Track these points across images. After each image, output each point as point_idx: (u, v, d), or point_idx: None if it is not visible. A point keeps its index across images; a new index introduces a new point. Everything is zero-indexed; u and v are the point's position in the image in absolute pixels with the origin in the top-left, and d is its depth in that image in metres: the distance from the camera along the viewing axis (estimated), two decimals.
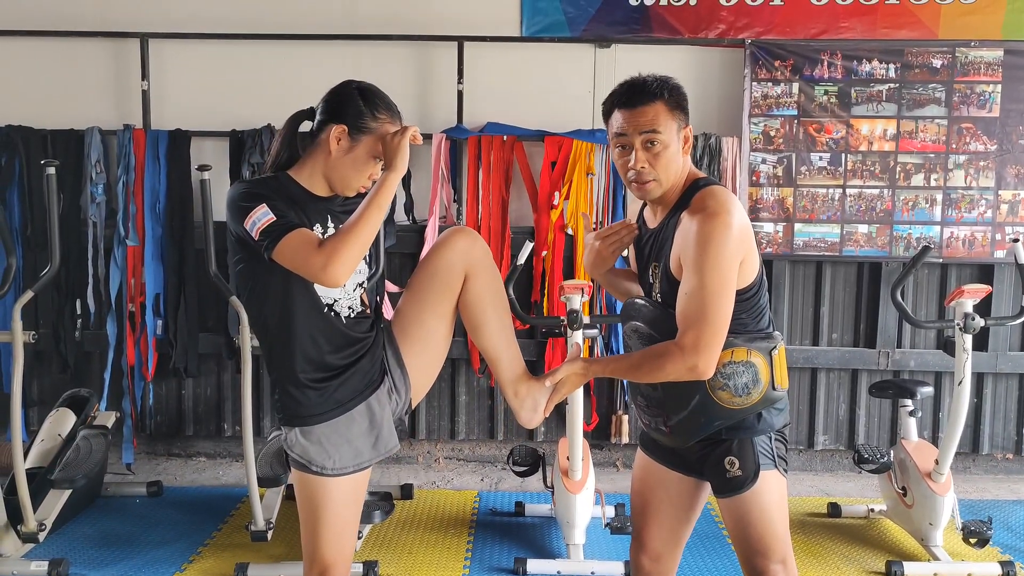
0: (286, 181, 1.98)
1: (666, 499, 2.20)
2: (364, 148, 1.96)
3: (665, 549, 2.23)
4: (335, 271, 1.84)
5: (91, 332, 4.45)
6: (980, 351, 4.41)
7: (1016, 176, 4.30)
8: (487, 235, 4.38)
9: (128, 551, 3.50)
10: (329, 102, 2.01)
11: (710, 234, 1.87)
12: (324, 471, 1.99)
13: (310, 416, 1.99)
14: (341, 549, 2.05)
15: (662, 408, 2.07)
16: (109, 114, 4.45)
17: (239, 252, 1.97)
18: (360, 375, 2.02)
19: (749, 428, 2.02)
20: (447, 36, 4.40)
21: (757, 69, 4.32)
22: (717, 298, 1.88)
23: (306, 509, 2.04)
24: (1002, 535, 3.75)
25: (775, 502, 2.04)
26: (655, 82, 2.00)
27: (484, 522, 3.87)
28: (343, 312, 2.02)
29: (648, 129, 1.96)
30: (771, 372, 2.00)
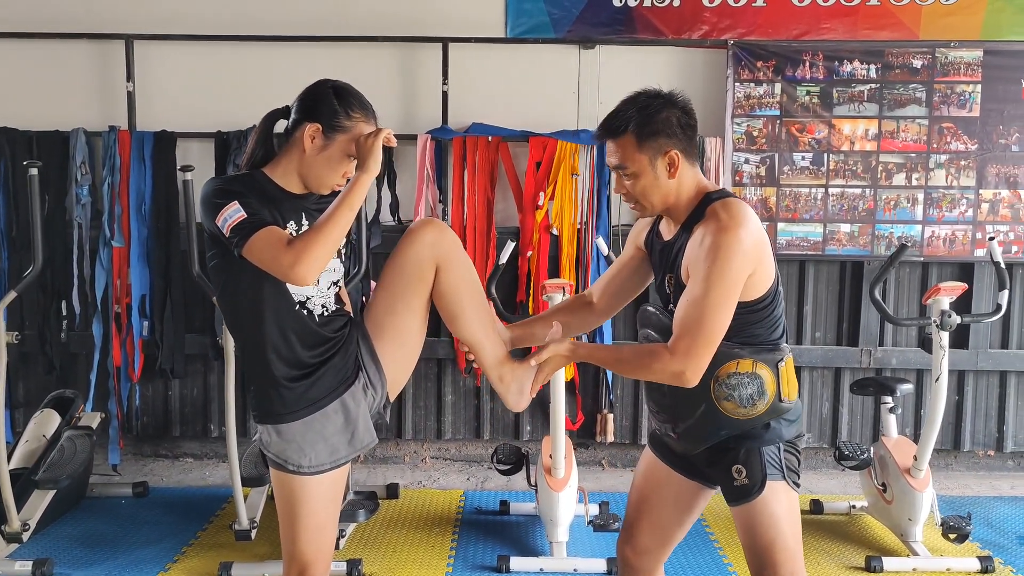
0: (260, 179, 2.00)
1: (665, 498, 2.22)
2: (338, 147, 1.98)
3: (652, 546, 2.25)
4: (303, 269, 1.86)
5: (77, 333, 4.46)
6: (961, 349, 4.46)
7: (996, 175, 4.34)
8: (472, 235, 4.40)
9: (113, 551, 3.51)
10: (304, 101, 2.03)
11: (719, 246, 1.90)
12: (301, 470, 2.00)
13: (284, 414, 2.00)
14: (320, 547, 2.06)
15: (671, 414, 2.10)
16: (94, 115, 4.45)
17: (212, 248, 1.99)
18: (333, 372, 2.02)
19: (757, 438, 2.03)
20: (432, 37, 4.41)
21: (740, 70, 4.35)
22: (715, 310, 1.90)
23: (284, 508, 2.06)
24: (982, 531, 3.79)
25: (783, 514, 2.03)
26: (627, 113, 2.01)
27: (469, 520, 3.90)
28: (316, 310, 2.02)
29: (616, 164, 2.03)
30: (778, 384, 2.01)
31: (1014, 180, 4.33)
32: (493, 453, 3.72)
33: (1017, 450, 4.58)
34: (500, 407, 4.63)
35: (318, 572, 2.06)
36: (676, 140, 2.00)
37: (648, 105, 2.01)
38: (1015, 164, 4.32)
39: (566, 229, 4.41)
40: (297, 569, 2.06)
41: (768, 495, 2.01)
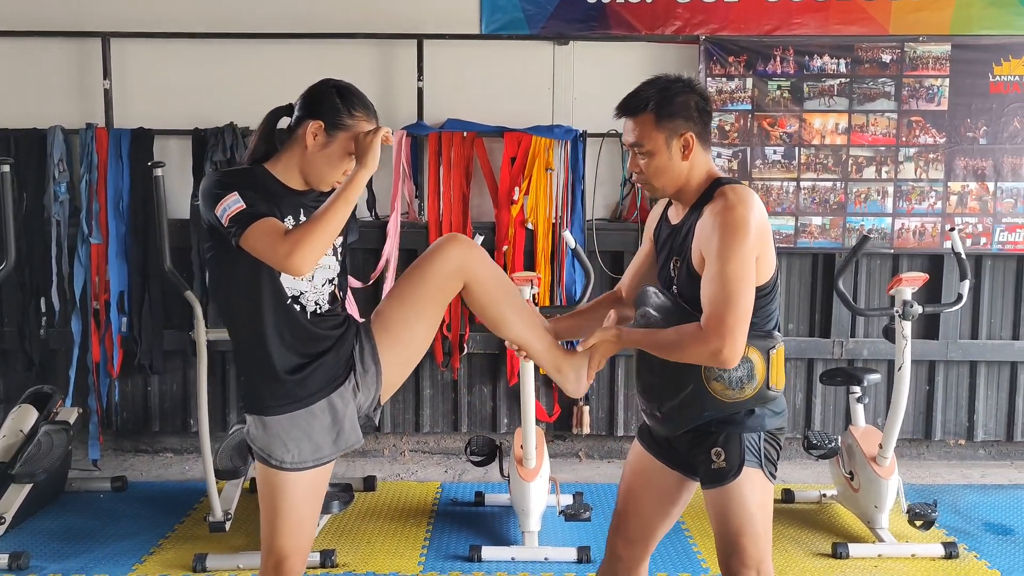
0: (261, 173, 2.04)
1: (650, 489, 2.25)
2: (339, 144, 2.02)
3: (639, 537, 2.28)
4: (299, 259, 1.89)
5: (56, 330, 4.49)
6: (931, 339, 4.52)
7: (964, 168, 4.40)
8: (448, 230, 4.44)
9: (89, 544, 3.54)
10: (307, 99, 2.07)
11: (729, 224, 1.94)
12: (284, 465, 2.03)
13: (270, 407, 2.03)
14: (298, 541, 2.09)
15: (658, 393, 2.13)
16: (72, 113, 4.48)
17: (210, 240, 2.03)
18: (323, 371, 2.05)
19: (739, 423, 2.06)
20: (407, 34, 4.45)
21: (712, 65, 4.40)
22: (739, 283, 1.92)
23: (266, 500, 2.09)
24: (949, 518, 3.85)
25: (756, 502, 2.06)
26: (646, 93, 2.07)
27: (444, 512, 3.94)
28: (309, 307, 2.06)
29: (633, 142, 2.07)
30: (767, 371, 2.05)
31: (982, 173, 4.39)
32: (467, 445, 3.77)
33: (987, 439, 4.64)
34: (477, 400, 4.68)
35: (294, 565, 2.09)
36: (692, 123, 2.06)
37: (668, 87, 2.07)
38: (983, 157, 4.38)
39: (541, 224, 4.45)
40: (274, 561, 2.08)
41: (743, 481, 2.04)
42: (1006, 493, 4.20)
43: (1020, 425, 4.61)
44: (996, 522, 3.82)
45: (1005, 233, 4.42)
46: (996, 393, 4.61)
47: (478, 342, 4.57)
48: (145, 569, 3.33)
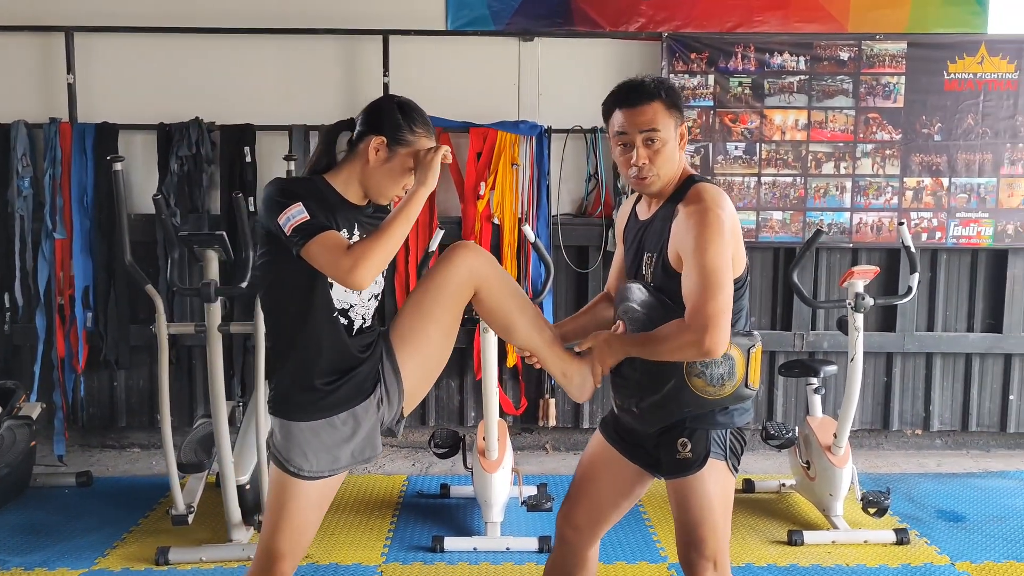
0: (322, 185, 2.06)
1: (606, 480, 2.29)
2: (400, 160, 2.05)
3: (588, 524, 2.32)
4: (361, 274, 1.91)
5: (20, 325, 4.48)
6: (888, 332, 4.62)
7: (920, 164, 4.49)
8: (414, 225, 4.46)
9: (53, 539, 3.55)
10: (370, 114, 2.10)
11: (704, 224, 1.97)
12: (300, 473, 2.05)
13: (297, 413, 2.05)
14: (296, 545, 2.11)
15: (638, 388, 2.15)
16: (35, 108, 4.47)
17: (267, 246, 2.04)
18: (352, 384, 2.07)
19: (710, 419, 2.09)
20: (372, 30, 4.48)
21: (674, 61, 4.46)
22: (717, 274, 1.95)
23: (274, 500, 2.10)
24: (903, 505, 3.94)
25: (717, 494, 2.09)
26: (653, 83, 2.11)
27: (410, 504, 3.98)
28: (356, 321, 2.09)
29: (647, 128, 2.06)
30: (746, 369, 2.08)
31: (936, 168, 4.49)
32: (430, 437, 3.80)
33: (943, 429, 4.75)
34: (445, 394, 4.72)
35: (287, 566, 2.11)
36: (683, 114, 2.13)
37: (661, 79, 2.13)
38: (937, 153, 4.48)
39: (507, 219, 4.49)
40: (269, 561, 2.10)
41: (707, 472, 2.07)
42: (960, 481, 4.30)
43: (975, 415, 4.72)
44: (948, 509, 3.92)
45: (959, 228, 4.52)
46: (951, 384, 4.71)
47: None
48: (107, 563, 3.34)
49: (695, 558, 2.11)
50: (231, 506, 3.40)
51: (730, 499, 2.14)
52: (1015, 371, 4.69)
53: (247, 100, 4.51)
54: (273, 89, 4.52)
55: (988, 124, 4.47)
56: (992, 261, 4.64)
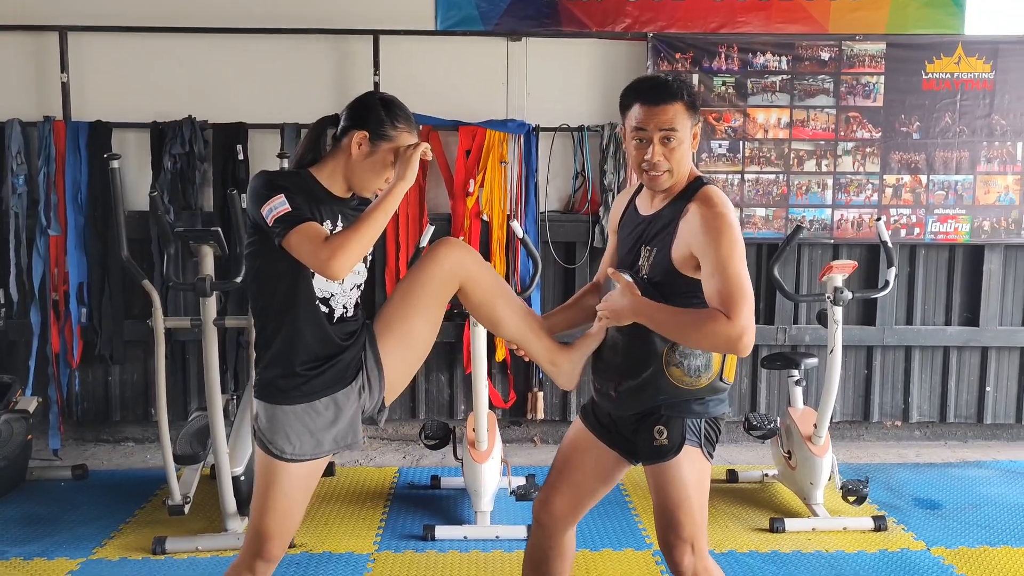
0: (307, 178, 2.13)
1: (585, 466, 2.36)
2: (382, 155, 2.11)
3: (565, 509, 2.40)
4: (338, 264, 1.98)
5: (15, 321, 4.53)
6: (868, 325, 4.73)
7: (899, 162, 4.60)
8: (405, 222, 4.55)
9: (51, 529, 3.61)
10: (354, 110, 2.16)
11: (724, 230, 2.03)
12: (283, 455, 2.12)
13: (280, 397, 2.12)
14: (284, 526, 2.18)
15: (618, 373, 2.22)
16: (29, 106, 4.52)
17: (253, 236, 2.12)
18: (334, 371, 2.14)
19: (686, 408, 2.16)
20: (363, 30, 4.55)
21: (659, 61, 4.55)
22: (745, 284, 2.00)
23: (261, 483, 2.17)
24: (882, 494, 4.05)
25: (693, 479, 2.17)
26: (676, 83, 2.16)
27: (401, 495, 4.06)
28: (337, 310, 2.16)
29: (668, 127, 2.11)
30: (723, 364, 2.16)
31: (915, 166, 4.60)
32: (421, 429, 3.89)
33: (922, 420, 4.87)
34: (435, 388, 4.81)
35: (276, 548, 2.18)
36: (699, 116, 2.19)
37: (682, 79, 2.19)
38: (916, 151, 4.59)
39: (496, 215, 4.58)
40: (258, 542, 2.17)
41: (683, 459, 2.15)
42: (937, 471, 4.42)
43: (953, 407, 4.84)
44: (925, 497, 4.03)
45: (937, 224, 4.64)
46: (930, 376, 4.83)
47: None
48: (105, 552, 3.40)
49: (673, 540, 2.19)
50: (226, 496, 3.47)
51: (706, 484, 2.22)
52: (991, 363, 4.81)
53: (240, 99, 4.57)
54: (265, 88, 4.59)
55: (965, 123, 4.58)
56: (969, 256, 4.76)
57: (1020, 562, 3.34)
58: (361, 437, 2.22)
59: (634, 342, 2.17)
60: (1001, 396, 4.83)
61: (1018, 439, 4.91)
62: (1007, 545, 3.49)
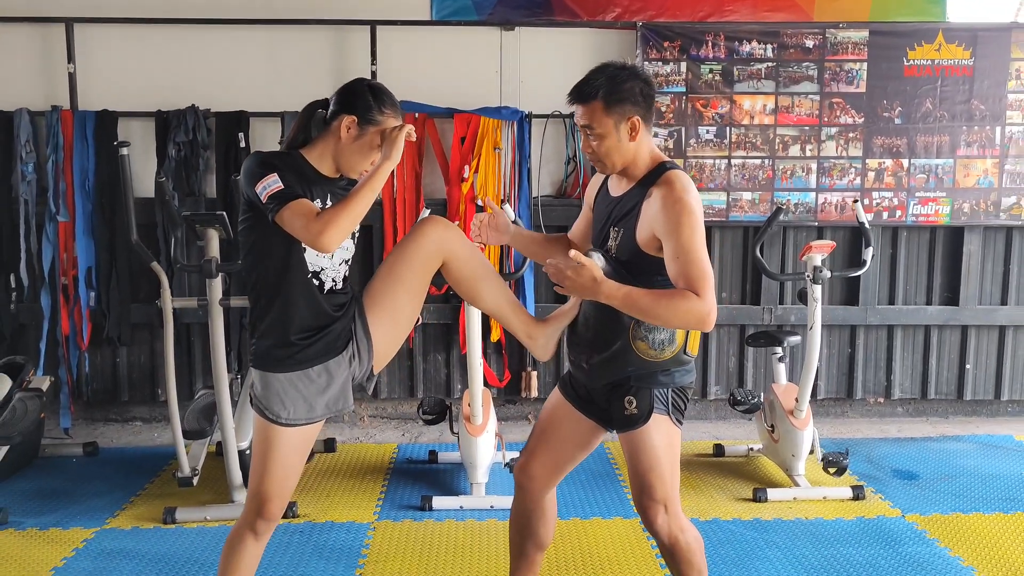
0: (298, 159, 2.26)
1: (563, 432, 2.52)
2: (369, 137, 2.23)
3: (543, 473, 2.55)
4: (328, 238, 2.11)
5: (26, 305, 4.68)
6: (852, 305, 4.89)
7: (881, 146, 4.74)
8: (402, 207, 4.70)
9: (65, 502, 3.77)
10: (343, 95, 2.28)
11: (685, 211, 2.16)
12: (279, 420, 2.26)
13: (275, 366, 2.26)
14: (281, 488, 2.32)
15: (589, 347, 2.37)
16: (37, 96, 4.65)
17: (247, 212, 2.26)
18: (326, 341, 2.28)
19: (652, 379, 2.31)
20: (360, 20, 4.68)
21: (648, 50, 4.68)
22: (706, 263, 2.15)
23: (259, 448, 2.32)
24: (862, 466, 4.21)
25: (663, 445, 2.32)
26: (599, 79, 2.28)
27: (400, 469, 4.22)
28: (326, 283, 2.29)
29: (584, 123, 2.28)
30: (686, 338, 2.31)
31: (897, 150, 4.74)
32: (419, 405, 4.05)
33: (904, 397, 5.03)
34: (432, 367, 4.96)
35: (275, 508, 2.33)
36: (638, 108, 2.27)
37: (616, 75, 2.28)
38: (897, 136, 4.73)
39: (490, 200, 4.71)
40: (258, 503, 2.32)
41: (652, 426, 2.30)
42: (917, 445, 4.58)
43: (934, 384, 5.00)
44: (903, 469, 4.19)
45: (918, 206, 4.78)
46: (911, 354, 4.99)
47: (432, 313, 4.84)
48: (117, 522, 3.57)
49: (647, 502, 2.34)
50: (232, 469, 3.63)
51: (676, 449, 2.37)
52: (971, 342, 4.96)
53: (241, 88, 4.71)
54: (266, 77, 4.73)
55: (945, 108, 4.72)
56: (949, 238, 4.91)
57: (989, 526, 3.51)
58: (352, 402, 2.36)
59: (604, 318, 2.31)
60: (980, 373, 4.99)
61: (997, 415, 5.07)
62: (978, 512, 3.66)
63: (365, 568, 3.17)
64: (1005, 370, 4.98)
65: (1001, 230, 4.89)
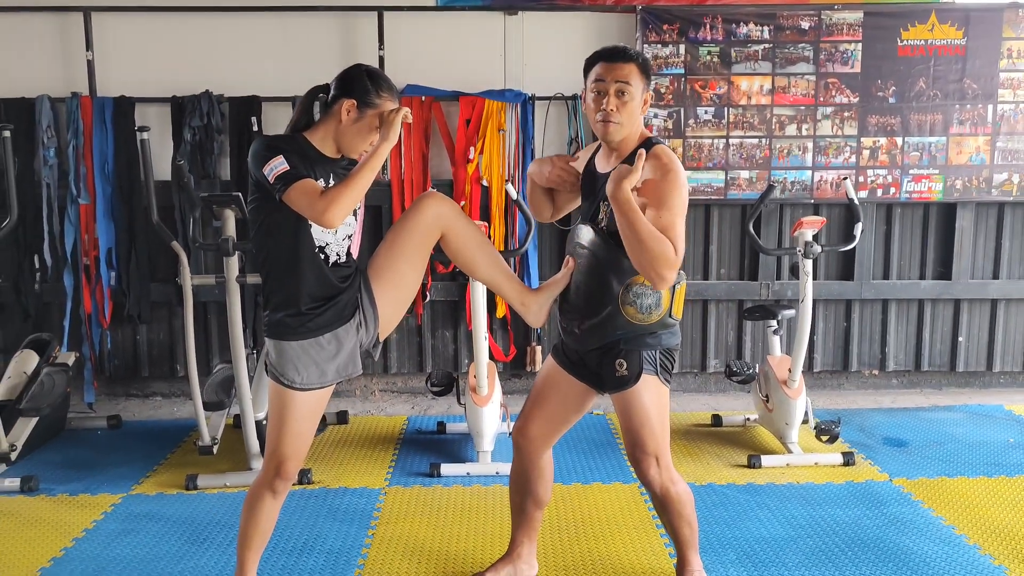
0: (302, 141, 2.42)
1: (557, 396, 2.70)
2: (368, 120, 2.39)
3: (539, 434, 2.74)
4: (332, 214, 2.26)
5: (50, 284, 4.87)
6: (847, 280, 5.03)
7: (875, 125, 4.86)
8: (409, 187, 4.86)
9: (91, 471, 3.97)
10: (343, 81, 2.44)
11: (671, 181, 2.34)
12: (293, 384, 2.43)
13: (288, 335, 2.43)
14: (297, 448, 2.50)
15: (581, 313, 2.54)
16: (58, 83, 4.82)
17: (255, 193, 2.42)
18: (334, 310, 2.45)
19: (641, 341, 2.49)
20: (368, 7, 4.82)
21: (648, 32, 4.81)
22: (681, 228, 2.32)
23: (275, 411, 2.49)
24: (855, 434, 4.37)
25: (653, 403, 2.50)
26: (632, 50, 2.50)
27: (410, 440, 4.41)
28: (331, 257, 2.45)
29: (623, 79, 2.43)
30: (671, 302, 2.49)
31: (891, 129, 4.86)
32: (427, 377, 4.22)
33: (898, 369, 5.18)
34: (440, 343, 5.14)
35: (291, 467, 2.51)
36: (650, 84, 2.50)
37: (641, 53, 2.50)
38: (891, 115, 4.85)
39: (495, 180, 4.87)
40: (275, 462, 2.49)
41: (641, 386, 2.48)
42: (909, 414, 4.73)
43: (927, 356, 5.14)
44: (894, 437, 4.35)
45: (912, 183, 4.91)
46: (905, 328, 5.13)
47: (440, 290, 5.01)
48: (142, 488, 3.77)
49: (640, 455, 2.52)
50: (250, 437, 3.82)
51: (665, 406, 2.55)
52: (963, 315, 5.10)
53: (253, 73, 4.86)
54: (277, 63, 4.88)
55: (938, 87, 4.83)
56: (942, 214, 5.04)
57: (972, 489, 3.67)
58: (360, 368, 2.53)
59: (594, 285, 2.48)
60: (973, 345, 5.14)
61: (990, 386, 5.21)
62: (963, 476, 3.82)
63: (377, 528, 3.36)
64: (997, 342, 5.12)
65: (993, 206, 5.01)
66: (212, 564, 3.07)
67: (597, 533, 3.31)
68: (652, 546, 3.18)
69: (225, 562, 3.08)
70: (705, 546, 3.06)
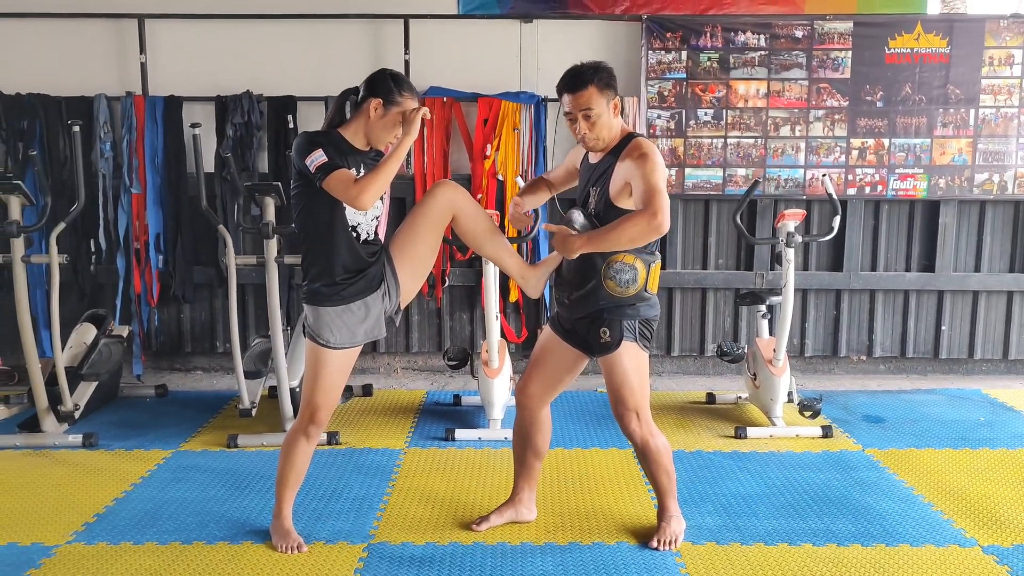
0: (336, 136, 2.86)
1: (552, 359, 3.11)
2: (392, 117, 2.82)
3: (538, 392, 3.15)
4: (364, 199, 2.69)
5: (104, 266, 5.35)
6: (837, 271, 5.38)
7: (864, 127, 5.22)
8: (431, 181, 5.28)
9: (144, 430, 4.44)
10: (370, 83, 2.86)
11: (648, 160, 2.71)
12: (328, 344, 2.88)
13: (324, 302, 2.86)
14: (328, 399, 2.95)
15: (570, 285, 2.93)
16: (113, 83, 5.31)
17: (298, 181, 2.86)
18: (364, 281, 2.88)
19: (622, 312, 2.89)
20: (395, 15, 5.26)
21: (652, 40, 5.20)
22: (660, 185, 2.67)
23: (311, 367, 2.93)
24: (837, 412, 4.73)
25: (633, 365, 2.91)
26: (588, 71, 2.84)
27: (428, 410, 4.84)
28: (362, 235, 2.89)
29: (585, 107, 2.81)
30: (646, 278, 2.89)
31: (878, 131, 5.22)
32: (444, 352, 4.65)
33: (883, 355, 5.53)
34: (458, 325, 5.56)
35: (323, 415, 2.96)
36: (615, 91, 2.88)
37: (596, 67, 2.85)
38: (879, 118, 5.21)
39: (509, 175, 5.28)
40: (311, 411, 2.94)
41: (622, 351, 2.89)
42: (891, 396, 5.08)
43: (912, 343, 5.49)
44: (873, 415, 4.70)
45: (898, 182, 5.26)
46: (891, 317, 5.48)
47: (457, 276, 5.44)
48: (189, 446, 4.22)
49: (622, 410, 2.94)
50: (285, 403, 4.27)
51: (644, 368, 2.95)
52: (946, 305, 5.45)
53: (290, 75, 5.32)
54: (312, 65, 5.33)
55: (923, 92, 5.18)
56: (926, 211, 5.39)
57: (937, 459, 4.03)
58: (384, 331, 2.96)
59: (581, 262, 2.89)
60: (955, 334, 5.48)
61: (972, 373, 5.55)
62: (930, 448, 4.18)
63: (397, 481, 3.79)
64: (978, 331, 5.45)
65: (975, 203, 5.35)
66: (253, 505, 3.52)
67: (591, 488, 3.71)
68: (640, 498, 3.58)
69: (264, 504, 3.51)
70: (687, 499, 3.47)
